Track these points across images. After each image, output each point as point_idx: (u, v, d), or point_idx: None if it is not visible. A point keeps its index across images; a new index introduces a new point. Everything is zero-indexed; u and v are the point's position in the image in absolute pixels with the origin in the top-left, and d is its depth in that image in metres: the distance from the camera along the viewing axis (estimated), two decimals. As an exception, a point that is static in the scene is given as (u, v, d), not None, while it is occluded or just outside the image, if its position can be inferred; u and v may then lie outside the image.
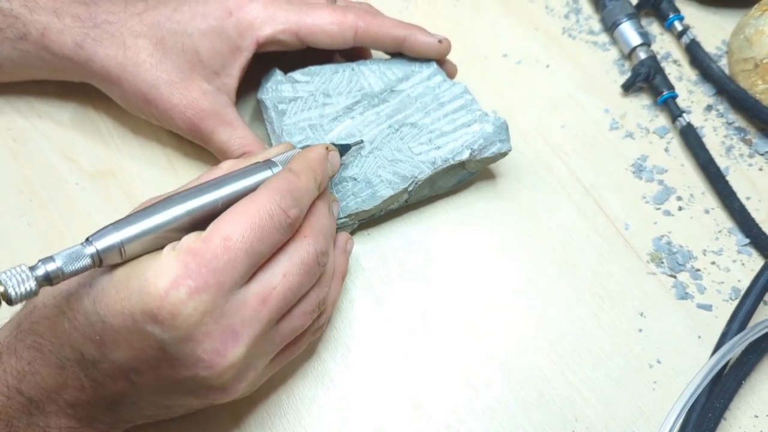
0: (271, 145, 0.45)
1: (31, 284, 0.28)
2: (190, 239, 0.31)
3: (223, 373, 0.31)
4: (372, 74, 0.45)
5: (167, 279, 0.29)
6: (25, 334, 0.32)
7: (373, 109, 0.44)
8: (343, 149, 0.41)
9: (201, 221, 0.32)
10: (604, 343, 0.42)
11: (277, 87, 0.44)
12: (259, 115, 0.47)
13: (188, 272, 0.30)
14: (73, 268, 0.29)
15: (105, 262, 0.30)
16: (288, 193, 0.33)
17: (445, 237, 0.45)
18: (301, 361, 0.40)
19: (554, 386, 0.41)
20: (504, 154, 0.45)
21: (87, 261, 0.29)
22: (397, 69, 0.46)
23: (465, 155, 0.43)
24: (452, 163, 0.43)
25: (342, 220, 0.42)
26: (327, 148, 0.38)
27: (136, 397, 0.33)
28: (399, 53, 0.46)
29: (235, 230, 0.31)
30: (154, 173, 0.46)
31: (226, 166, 0.36)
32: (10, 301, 0.27)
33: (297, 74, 0.45)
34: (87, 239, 0.30)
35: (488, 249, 0.45)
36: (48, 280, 0.28)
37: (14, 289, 0.27)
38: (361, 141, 0.42)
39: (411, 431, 0.39)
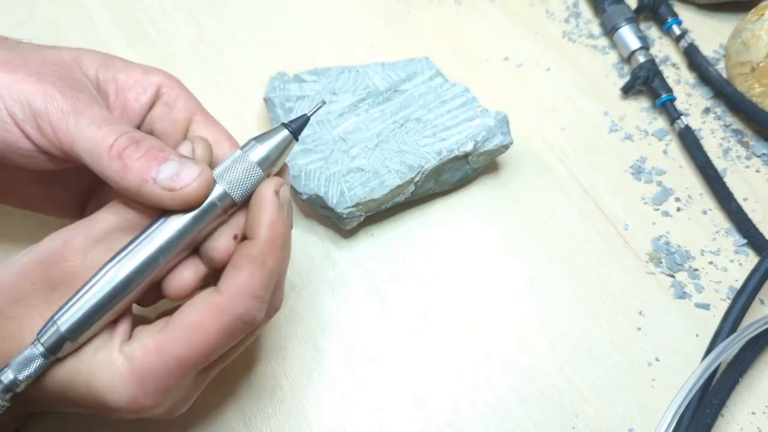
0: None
1: (39, 363, 0.28)
2: (140, 350, 0.29)
3: (151, 415, 0.31)
4: (376, 75, 0.47)
5: (124, 401, 0.29)
6: None
7: (378, 106, 0.45)
8: (299, 124, 0.33)
9: (148, 286, 0.31)
10: (603, 341, 0.43)
11: (285, 86, 0.46)
12: (264, 115, 0.48)
13: (145, 393, 0.29)
14: (29, 373, 0.28)
15: (62, 354, 0.29)
16: (252, 298, 0.30)
17: (448, 238, 0.46)
18: (306, 360, 0.41)
19: (554, 384, 0.41)
20: (506, 147, 0.46)
21: (40, 362, 0.28)
22: (400, 70, 0.47)
23: (469, 146, 0.44)
24: (457, 153, 0.44)
25: (349, 209, 0.42)
26: (276, 191, 0.31)
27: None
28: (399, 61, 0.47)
29: (192, 352, 0.29)
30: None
31: None
32: None
33: (304, 74, 0.46)
34: (37, 337, 0.29)
35: (490, 249, 0.46)
36: (10, 390, 0.28)
37: None
38: (323, 102, 0.35)
39: (413, 429, 0.40)
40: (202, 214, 0.31)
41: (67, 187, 0.38)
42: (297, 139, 0.33)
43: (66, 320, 0.29)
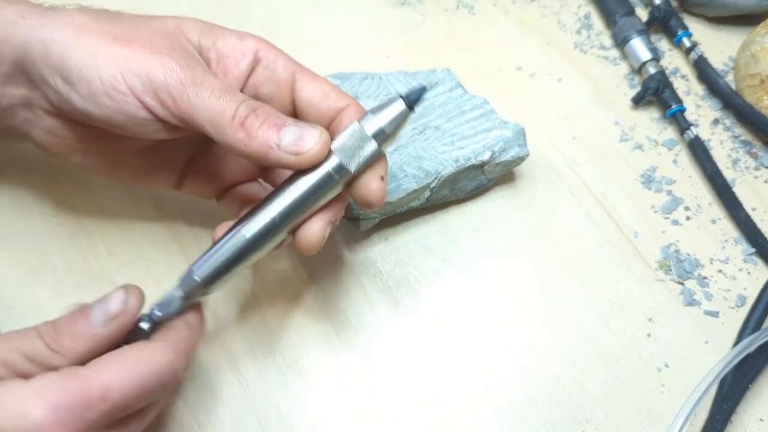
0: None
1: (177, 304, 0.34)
2: (65, 375, 0.29)
3: None
4: (398, 83, 0.47)
5: (33, 426, 0.27)
6: None
7: None
8: (416, 96, 0.33)
9: (272, 244, 0.35)
10: (613, 346, 0.44)
11: None
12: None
13: (57, 421, 0.28)
14: (169, 311, 0.34)
15: (194, 299, 0.34)
16: (186, 352, 0.33)
17: (461, 243, 0.47)
18: (321, 359, 0.42)
19: (565, 387, 0.42)
20: (522, 159, 0.47)
21: (178, 304, 0.34)
22: (422, 80, 0.48)
23: (486, 156, 0.45)
24: (474, 162, 0.45)
25: (366, 211, 0.43)
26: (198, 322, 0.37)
27: None
28: (413, 74, 0.48)
29: (119, 384, 0.29)
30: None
31: None
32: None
33: (328, 77, 0.47)
34: (179, 283, 0.34)
35: (502, 255, 0.47)
36: (152, 322, 0.34)
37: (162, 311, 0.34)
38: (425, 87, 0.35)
39: (427, 428, 0.40)
40: (319, 185, 0.33)
41: (168, 160, 0.41)
42: (413, 110, 0.33)
43: (201, 272, 0.33)
